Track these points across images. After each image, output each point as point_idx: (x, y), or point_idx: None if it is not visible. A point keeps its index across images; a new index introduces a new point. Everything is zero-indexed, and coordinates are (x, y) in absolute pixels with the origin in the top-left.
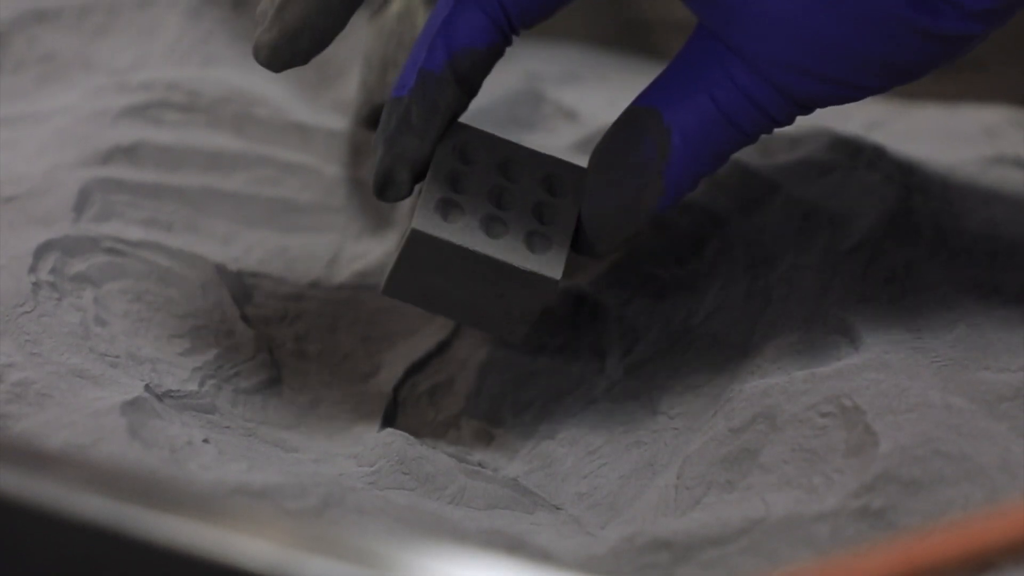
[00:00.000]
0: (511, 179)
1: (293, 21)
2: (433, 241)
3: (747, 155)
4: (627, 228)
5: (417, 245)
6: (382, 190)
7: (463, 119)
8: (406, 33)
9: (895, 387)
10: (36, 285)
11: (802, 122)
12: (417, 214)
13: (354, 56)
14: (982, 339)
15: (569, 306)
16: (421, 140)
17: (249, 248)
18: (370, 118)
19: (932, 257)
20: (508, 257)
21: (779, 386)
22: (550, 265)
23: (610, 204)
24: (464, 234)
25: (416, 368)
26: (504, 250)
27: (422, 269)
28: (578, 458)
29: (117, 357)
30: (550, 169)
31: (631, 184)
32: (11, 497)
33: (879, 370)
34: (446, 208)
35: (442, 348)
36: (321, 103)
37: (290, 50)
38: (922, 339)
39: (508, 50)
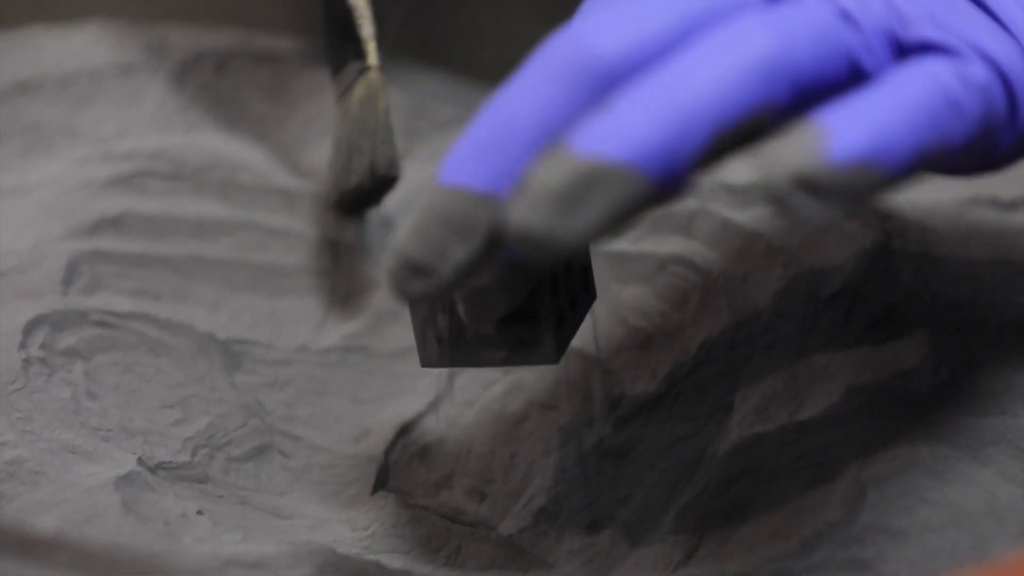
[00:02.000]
0: None
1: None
2: None
3: (727, 207)
4: None
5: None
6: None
7: None
8: (368, 119)
9: (880, 435)
10: (27, 361)
11: None
12: None
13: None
14: (965, 383)
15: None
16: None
17: (237, 314)
18: (339, 203)
19: (913, 301)
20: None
21: (767, 436)
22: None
23: None
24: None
25: (406, 429)
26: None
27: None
28: (570, 514)
29: (109, 431)
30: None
31: None
32: None
33: (864, 418)
34: None
35: (431, 408)
36: (305, 166)
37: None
38: (906, 384)
39: None
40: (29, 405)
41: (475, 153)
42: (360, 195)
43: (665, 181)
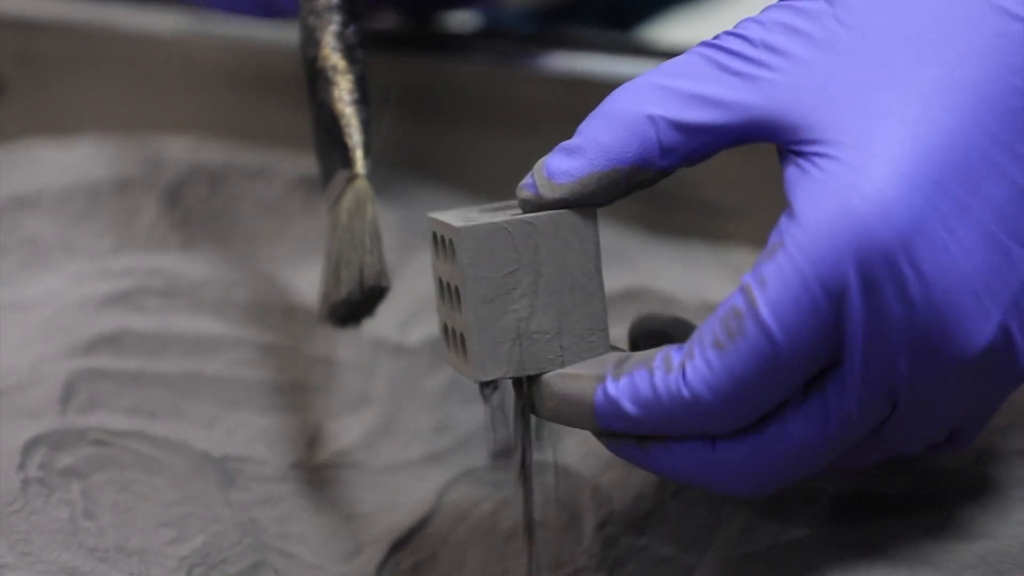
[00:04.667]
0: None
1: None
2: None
3: None
4: None
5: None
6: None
7: None
8: (356, 228)
9: (864, 557)
10: (25, 482)
11: None
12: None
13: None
14: (946, 506)
15: (547, 475)
16: None
17: (232, 431)
18: (331, 315)
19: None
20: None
21: (754, 556)
22: None
23: None
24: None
25: (399, 545)
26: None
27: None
28: None
29: (106, 551)
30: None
31: None
32: None
33: (848, 539)
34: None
35: (423, 523)
36: (299, 281)
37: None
38: (890, 507)
39: None
40: (27, 527)
41: None
42: (350, 306)
43: None
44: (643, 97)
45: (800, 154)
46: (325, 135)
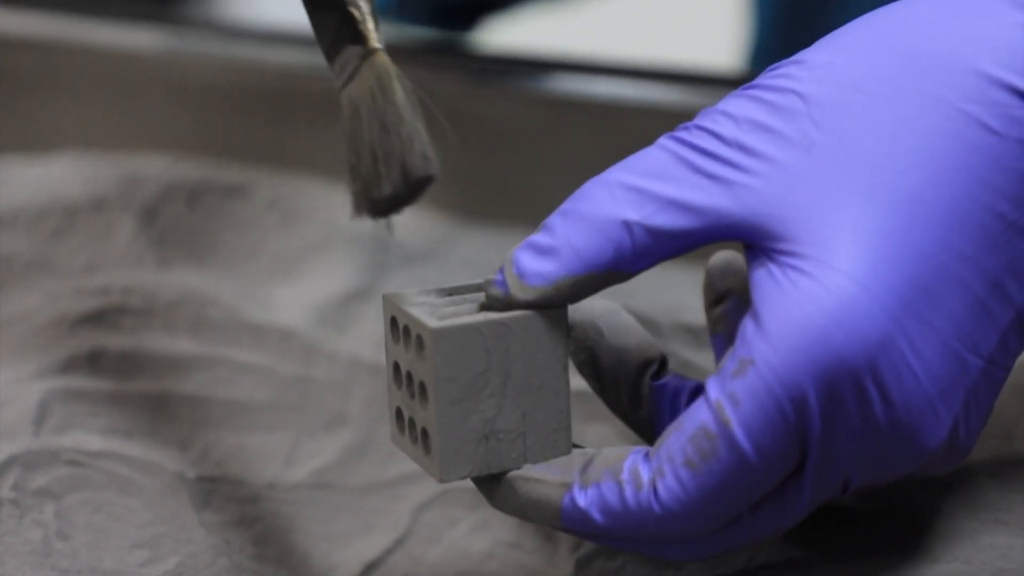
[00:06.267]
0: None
1: None
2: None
3: (687, 348)
4: None
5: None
6: None
7: None
8: (388, 113)
9: None
10: None
11: None
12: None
13: (304, 250)
14: (918, 530)
15: None
16: None
17: (206, 451)
18: (373, 209)
19: None
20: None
21: None
22: None
23: None
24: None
25: (372, 567)
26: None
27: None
28: None
29: (79, 572)
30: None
31: None
32: None
33: (821, 564)
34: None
35: (398, 544)
36: (274, 301)
37: None
38: (861, 532)
39: (457, 238)
40: (0, 548)
41: None
42: (395, 201)
43: None
44: (617, 200)
45: (771, 258)
46: (321, 4)
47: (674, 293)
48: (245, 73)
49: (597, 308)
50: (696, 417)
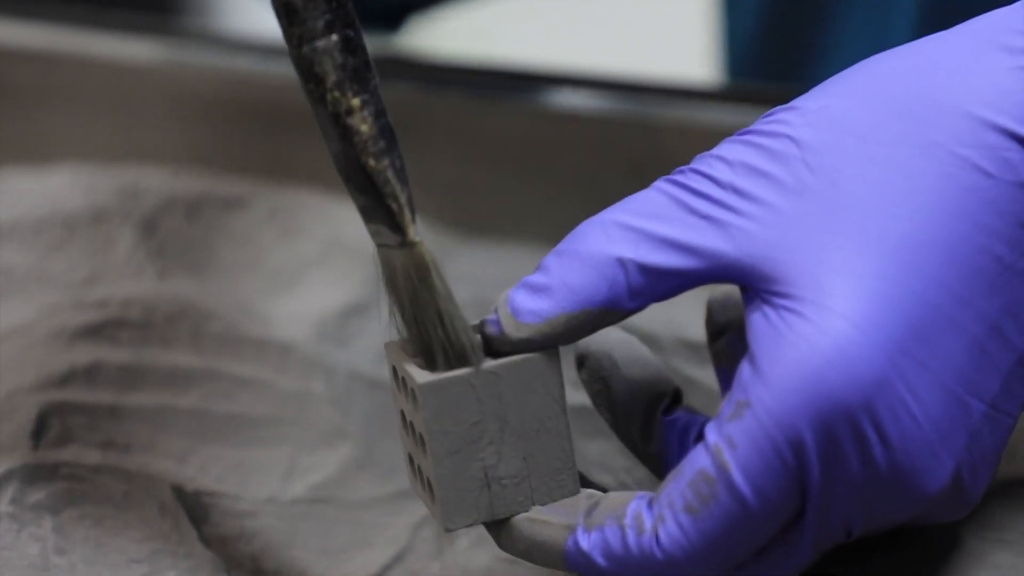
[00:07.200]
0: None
1: None
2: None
3: (689, 364)
4: None
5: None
6: None
7: None
8: (429, 306)
9: None
10: None
11: None
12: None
13: (304, 263)
14: (916, 554)
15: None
16: None
17: (205, 465)
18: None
19: None
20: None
21: None
22: None
23: None
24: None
25: None
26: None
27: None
28: None
29: None
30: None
31: None
32: None
33: None
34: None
35: (397, 560)
36: (274, 314)
37: None
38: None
39: (457, 253)
40: None
41: None
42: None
43: None
44: (612, 238)
45: (766, 301)
46: (356, 186)
47: (675, 309)
48: (245, 85)
49: (613, 339)
50: (695, 462)
